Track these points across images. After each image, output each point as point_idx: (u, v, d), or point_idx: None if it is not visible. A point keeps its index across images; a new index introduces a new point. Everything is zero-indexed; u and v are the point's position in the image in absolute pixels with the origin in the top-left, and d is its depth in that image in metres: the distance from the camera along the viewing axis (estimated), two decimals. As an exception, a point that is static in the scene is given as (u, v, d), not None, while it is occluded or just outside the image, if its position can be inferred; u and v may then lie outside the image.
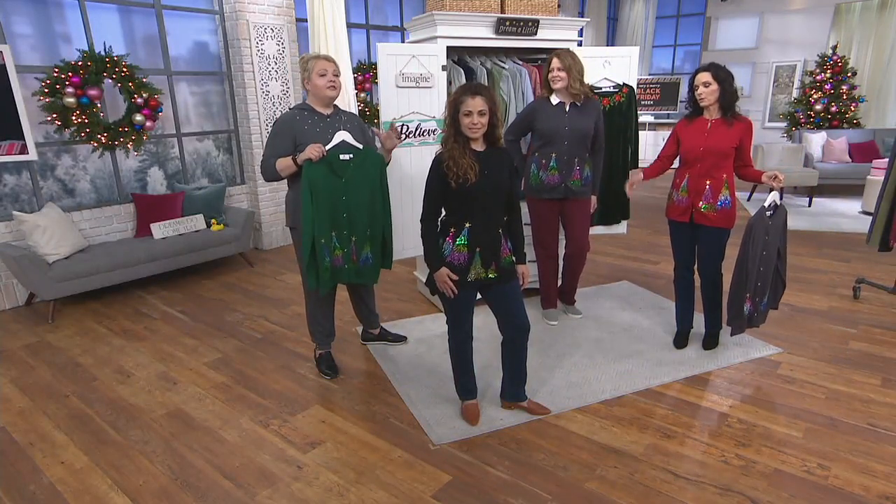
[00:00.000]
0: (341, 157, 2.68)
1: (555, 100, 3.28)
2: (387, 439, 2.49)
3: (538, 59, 3.90)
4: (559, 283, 3.74)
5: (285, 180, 2.81)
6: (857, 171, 7.13)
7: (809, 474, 2.20)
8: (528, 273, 2.54)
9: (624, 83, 3.72)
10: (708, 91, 2.81)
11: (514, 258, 2.48)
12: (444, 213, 2.40)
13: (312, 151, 2.59)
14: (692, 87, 2.88)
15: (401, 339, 3.41)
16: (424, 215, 2.39)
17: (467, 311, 2.48)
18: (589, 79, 3.37)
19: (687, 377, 2.94)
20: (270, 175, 2.75)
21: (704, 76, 2.81)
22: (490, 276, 2.40)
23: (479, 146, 2.34)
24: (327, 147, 2.65)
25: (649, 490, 2.13)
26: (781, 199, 2.92)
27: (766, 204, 2.84)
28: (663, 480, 2.18)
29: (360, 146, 2.74)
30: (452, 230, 2.36)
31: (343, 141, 2.68)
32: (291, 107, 2.85)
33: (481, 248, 2.36)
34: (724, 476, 2.20)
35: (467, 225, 2.34)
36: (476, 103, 2.22)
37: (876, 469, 2.22)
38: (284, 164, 2.68)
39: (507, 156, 2.42)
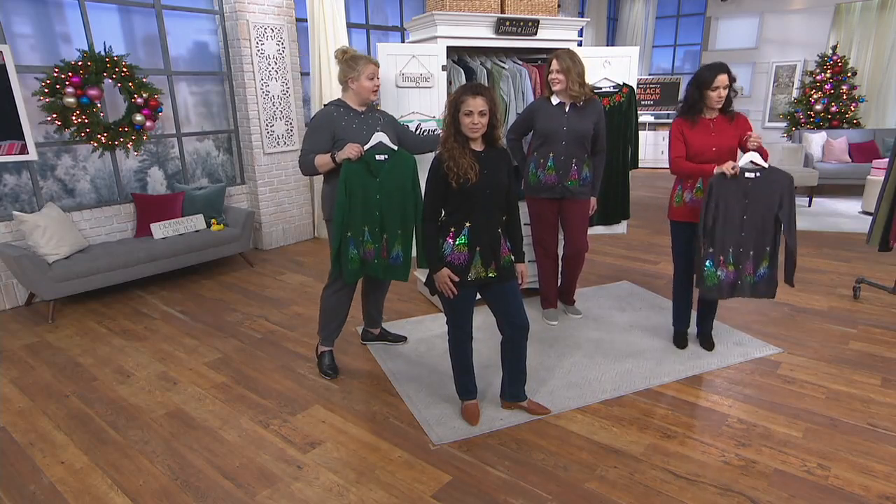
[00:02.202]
0: (377, 157, 2.73)
1: (555, 100, 3.28)
2: (387, 439, 2.49)
3: (538, 59, 3.90)
4: (559, 283, 3.74)
5: (321, 175, 2.87)
6: (857, 171, 7.13)
7: (809, 474, 2.20)
8: (527, 272, 2.55)
9: (624, 83, 3.72)
10: (725, 93, 2.83)
11: (512, 257, 2.49)
12: (443, 213, 2.40)
13: (351, 151, 2.64)
14: (707, 87, 2.82)
15: (401, 339, 3.41)
16: (425, 215, 2.39)
17: (467, 311, 2.48)
18: (589, 79, 3.36)
19: (687, 377, 2.94)
20: (308, 170, 2.81)
21: (725, 78, 2.80)
22: (490, 275, 2.40)
23: (478, 146, 2.34)
24: (365, 147, 2.69)
25: (649, 490, 2.13)
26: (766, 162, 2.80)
27: (742, 164, 2.75)
28: (663, 480, 2.18)
29: (395, 147, 2.79)
30: (452, 230, 2.36)
31: (380, 142, 2.73)
32: (326, 103, 2.92)
33: (481, 247, 2.36)
34: (724, 476, 2.20)
35: (467, 225, 2.34)
36: (477, 103, 2.22)
37: (876, 469, 2.22)
38: (323, 160, 2.74)
39: (505, 155, 2.42)
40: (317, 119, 2.81)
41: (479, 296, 2.50)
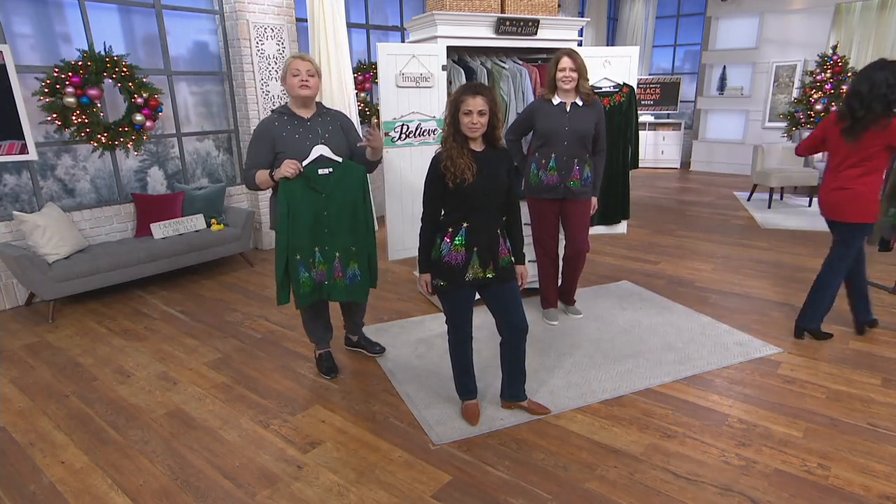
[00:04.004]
0: (320, 171, 2.59)
1: (556, 100, 3.28)
2: (387, 439, 2.49)
3: (538, 58, 3.90)
4: (559, 282, 3.74)
5: None
6: (857, 171, 7.11)
7: (809, 474, 2.20)
8: (527, 273, 2.54)
9: (624, 83, 3.72)
10: None
11: (512, 258, 2.48)
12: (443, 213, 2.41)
13: (287, 169, 2.49)
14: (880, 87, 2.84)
15: (378, 350, 3.25)
16: (423, 215, 2.39)
17: (466, 311, 2.47)
18: (590, 79, 3.37)
19: (687, 377, 2.94)
20: (251, 186, 2.67)
21: None
22: (488, 275, 2.39)
23: (477, 146, 2.33)
24: (304, 162, 2.55)
25: (649, 490, 2.13)
26: None
27: None
28: (663, 480, 2.18)
29: (340, 160, 2.64)
30: (450, 230, 2.35)
31: (321, 155, 2.59)
32: (272, 110, 2.77)
33: (479, 247, 2.35)
34: (725, 476, 2.20)
35: (465, 225, 2.33)
36: (476, 103, 2.21)
37: (876, 469, 2.22)
38: (262, 178, 2.59)
39: (505, 156, 2.41)
40: (257, 130, 2.64)
41: (478, 296, 2.50)
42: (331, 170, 2.62)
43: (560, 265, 3.69)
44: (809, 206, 6.98)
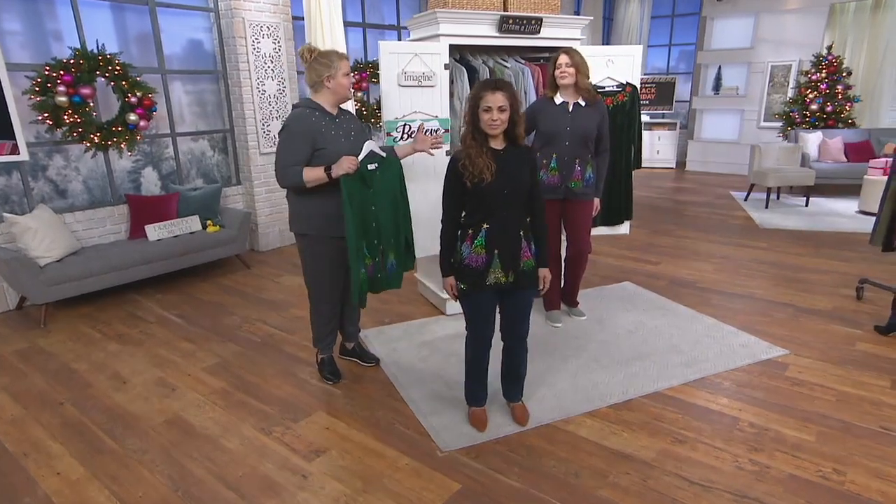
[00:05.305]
0: (369, 166, 2.63)
1: (558, 99, 3.24)
2: (393, 446, 2.43)
3: (541, 58, 3.85)
4: (561, 284, 3.69)
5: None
6: (853, 171, 7.14)
7: (825, 479, 2.16)
8: (549, 276, 2.42)
9: (627, 82, 3.69)
10: None
11: (535, 262, 2.37)
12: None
13: (350, 165, 2.47)
14: None
15: (373, 360, 3.15)
16: (443, 216, 2.33)
17: (488, 317, 2.38)
18: (592, 78, 3.32)
19: (694, 380, 2.91)
20: (294, 184, 2.55)
21: None
22: (509, 280, 2.31)
23: (498, 144, 2.24)
24: (359, 158, 2.57)
25: (663, 497, 2.09)
26: None
27: None
28: (677, 487, 2.14)
29: (384, 154, 2.70)
30: (470, 231, 2.28)
31: (371, 151, 2.62)
32: (296, 104, 2.67)
33: (500, 250, 2.26)
34: (739, 482, 2.16)
35: (485, 226, 2.26)
36: (496, 99, 2.14)
37: (892, 474, 2.18)
38: (315, 175, 2.50)
39: (527, 154, 2.30)
40: (294, 125, 2.53)
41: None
42: (377, 164, 2.67)
43: (562, 266, 3.64)
44: (806, 205, 6.98)
